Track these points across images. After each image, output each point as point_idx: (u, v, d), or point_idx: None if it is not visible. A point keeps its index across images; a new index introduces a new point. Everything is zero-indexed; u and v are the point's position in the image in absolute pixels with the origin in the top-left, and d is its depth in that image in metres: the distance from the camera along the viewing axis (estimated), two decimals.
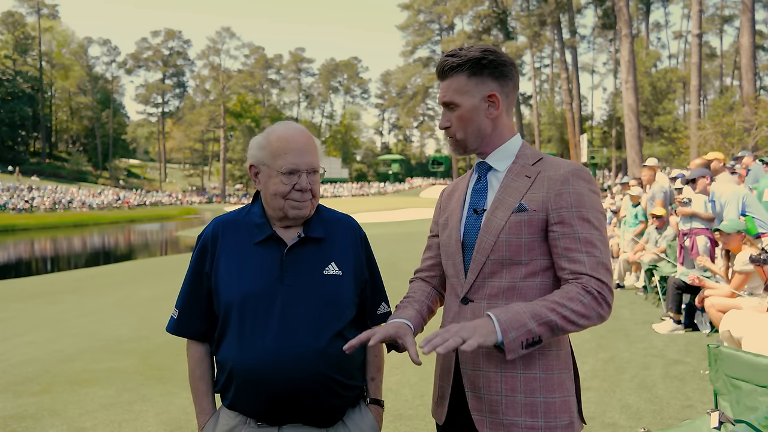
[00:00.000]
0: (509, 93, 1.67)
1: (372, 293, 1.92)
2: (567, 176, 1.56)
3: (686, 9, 63.18)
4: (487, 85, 1.63)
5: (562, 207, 1.54)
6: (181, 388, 4.91)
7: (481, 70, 1.62)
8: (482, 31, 62.08)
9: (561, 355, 1.60)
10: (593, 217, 1.54)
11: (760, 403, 2.43)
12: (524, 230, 1.56)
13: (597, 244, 1.52)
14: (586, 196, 1.55)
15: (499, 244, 1.58)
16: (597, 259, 1.50)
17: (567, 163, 1.61)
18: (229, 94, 79.94)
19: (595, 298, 1.47)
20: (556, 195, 1.55)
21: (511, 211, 1.58)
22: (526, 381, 1.55)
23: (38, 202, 46.20)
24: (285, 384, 1.66)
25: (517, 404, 1.54)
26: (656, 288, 7.61)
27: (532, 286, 1.57)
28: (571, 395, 1.60)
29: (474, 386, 1.60)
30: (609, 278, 1.51)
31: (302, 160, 1.74)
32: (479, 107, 1.64)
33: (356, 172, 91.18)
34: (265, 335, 1.68)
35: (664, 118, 44.34)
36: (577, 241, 1.52)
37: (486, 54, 1.62)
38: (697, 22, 26.46)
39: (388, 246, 17.20)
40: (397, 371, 4.96)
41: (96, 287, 12.38)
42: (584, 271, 1.49)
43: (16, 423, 4.22)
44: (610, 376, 4.83)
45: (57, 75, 78.47)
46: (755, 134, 19.65)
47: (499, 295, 1.59)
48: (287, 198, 1.74)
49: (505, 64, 1.64)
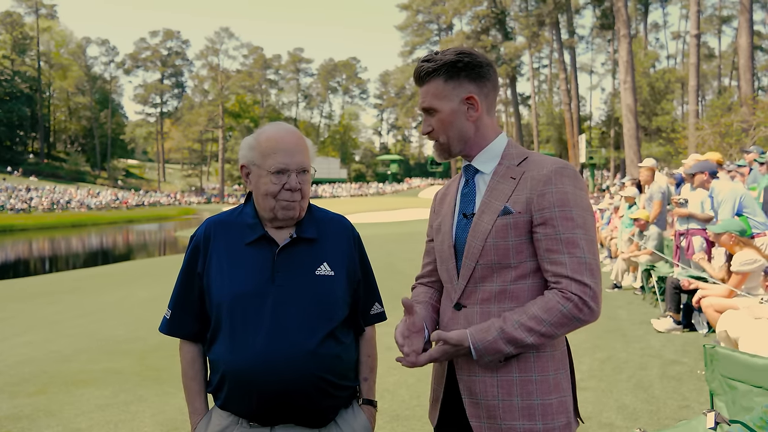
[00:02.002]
0: (488, 93, 1.66)
1: (365, 293, 1.92)
2: (550, 175, 1.54)
3: (684, 9, 63.26)
4: (465, 87, 1.63)
5: (545, 207, 1.52)
6: (178, 389, 4.90)
7: (458, 73, 1.62)
8: (481, 31, 62.12)
9: (556, 355, 1.59)
10: (577, 215, 1.51)
11: (756, 403, 2.43)
12: (511, 233, 1.55)
13: (580, 244, 1.49)
14: (570, 194, 1.52)
15: (487, 248, 1.57)
16: (579, 259, 1.48)
17: (551, 161, 1.58)
18: (227, 94, 79.89)
19: (576, 305, 1.46)
20: (539, 195, 1.53)
21: (497, 214, 1.57)
22: (522, 384, 1.54)
23: (36, 203, 46.12)
24: (276, 384, 1.66)
25: (515, 408, 1.54)
26: (653, 288, 7.61)
27: (524, 289, 1.56)
28: (567, 395, 1.59)
29: (470, 392, 1.59)
30: (592, 279, 1.48)
31: (291, 160, 1.74)
32: (458, 110, 1.63)
33: (355, 173, 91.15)
34: (257, 335, 1.68)
35: (663, 118, 44.38)
36: (558, 242, 1.50)
37: (461, 56, 1.61)
38: (695, 22, 26.53)
39: (387, 246, 17.20)
40: (394, 372, 4.95)
41: (94, 288, 12.36)
42: (565, 274, 1.48)
43: (12, 424, 4.20)
44: (606, 376, 4.82)
45: (55, 75, 78.41)
46: (753, 134, 19.67)
47: (491, 299, 1.58)
48: (277, 198, 1.74)
49: (481, 65, 1.63)
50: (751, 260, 5.14)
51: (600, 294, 1.50)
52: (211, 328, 1.78)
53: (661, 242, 8.22)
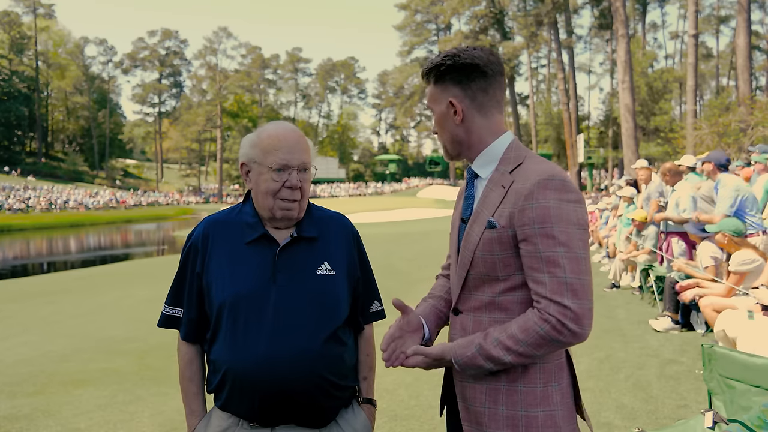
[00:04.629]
0: (476, 95, 1.58)
1: (364, 291, 1.92)
2: (532, 189, 1.45)
3: (682, 9, 63.33)
4: (450, 91, 1.60)
5: (525, 224, 1.45)
6: (176, 389, 4.88)
7: (443, 77, 1.59)
8: (479, 31, 62.05)
9: (547, 368, 1.53)
10: (559, 232, 1.42)
11: (754, 402, 2.43)
12: (496, 248, 1.51)
13: (561, 263, 1.41)
14: (554, 209, 1.43)
15: (476, 260, 1.55)
16: (559, 279, 1.41)
17: (537, 172, 1.48)
18: (225, 94, 79.76)
19: (554, 326, 1.40)
20: (520, 211, 1.46)
21: (484, 226, 1.53)
22: (507, 393, 1.53)
23: (34, 203, 46.03)
24: (279, 385, 1.66)
25: (499, 416, 1.53)
26: (652, 288, 7.62)
27: (513, 301, 1.53)
28: (557, 410, 1.52)
29: (463, 397, 1.60)
30: (574, 299, 1.40)
31: (293, 157, 1.74)
32: (446, 114, 1.61)
33: (353, 172, 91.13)
34: (259, 336, 1.67)
35: (661, 118, 44.44)
36: (539, 260, 1.43)
37: (444, 60, 1.58)
38: (693, 22, 26.56)
39: (385, 246, 17.19)
40: (392, 372, 4.95)
41: (92, 288, 12.34)
42: (545, 294, 1.42)
43: (10, 424, 4.20)
44: (605, 375, 4.83)
45: (53, 75, 78.24)
46: (751, 134, 19.69)
47: (483, 308, 1.57)
48: (277, 197, 1.73)
49: (464, 67, 1.56)
50: (749, 260, 5.14)
51: (586, 314, 1.41)
52: (212, 328, 1.77)
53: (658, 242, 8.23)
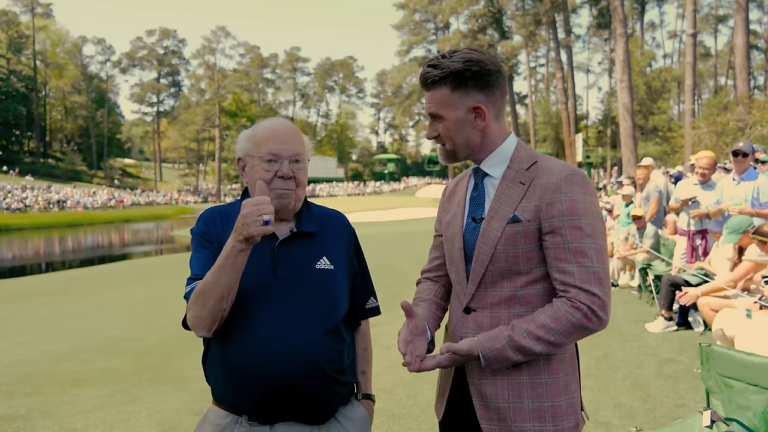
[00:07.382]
0: (496, 101, 1.61)
1: (361, 287, 1.92)
2: (559, 183, 1.52)
3: (681, 9, 63.30)
4: (472, 96, 1.58)
5: (554, 216, 1.50)
6: (174, 389, 4.89)
7: (465, 83, 1.56)
8: (477, 30, 62.07)
9: (566, 358, 1.59)
10: (586, 224, 1.50)
11: (752, 401, 2.43)
12: (521, 241, 1.54)
13: (588, 253, 1.48)
14: (580, 202, 1.51)
15: (497, 255, 1.56)
16: (587, 269, 1.48)
17: (560, 167, 1.55)
18: (224, 93, 79.66)
19: (585, 314, 1.46)
20: (548, 204, 1.51)
21: (506, 221, 1.55)
22: (532, 386, 1.55)
23: (32, 202, 45.97)
24: (280, 379, 1.64)
25: (525, 410, 1.54)
26: (650, 287, 7.62)
27: (534, 294, 1.56)
28: (576, 396, 1.60)
29: (481, 395, 1.59)
30: (601, 288, 1.47)
31: (284, 147, 1.74)
32: (465, 119, 1.59)
33: (352, 172, 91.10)
34: (259, 329, 1.66)
35: (659, 117, 44.56)
36: (567, 251, 1.49)
37: (469, 65, 1.55)
38: (691, 21, 26.56)
39: (384, 246, 17.17)
40: (390, 371, 4.95)
41: (89, 287, 12.33)
42: (574, 283, 1.48)
43: (7, 424, 4.19)
44: (603, 374, 4.83)
45: (51, 74, 78.13)
46: (749, 133, 19.72)
47: (501, 304, 1.58)
48: (271, 187, 1.72)
49: (490, 73, 1.57)
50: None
51: (608, 302, 1.49)
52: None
53: (657, 241, 8.22)
